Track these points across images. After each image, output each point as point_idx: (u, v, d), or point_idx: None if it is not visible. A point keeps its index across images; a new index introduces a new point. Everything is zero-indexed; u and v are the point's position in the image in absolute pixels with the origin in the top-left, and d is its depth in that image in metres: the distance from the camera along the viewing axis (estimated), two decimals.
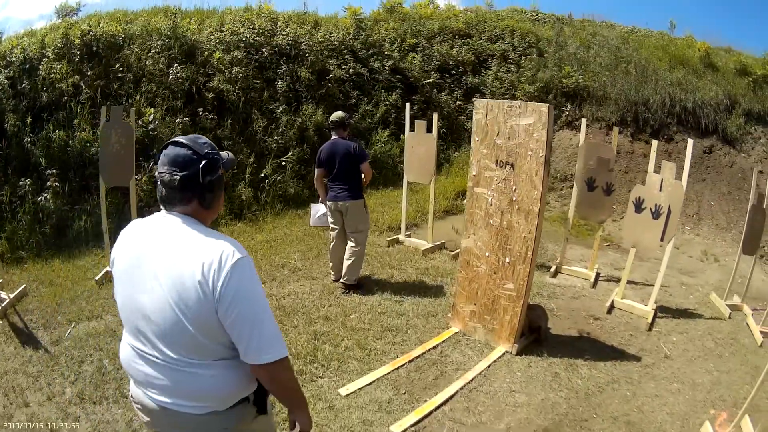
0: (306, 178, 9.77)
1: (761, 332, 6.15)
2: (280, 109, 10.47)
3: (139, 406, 2.25)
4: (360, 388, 4.74)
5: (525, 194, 5.09)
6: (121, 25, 10.42)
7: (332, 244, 6.66)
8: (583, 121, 7.62)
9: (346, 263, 6.50)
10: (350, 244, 6.48)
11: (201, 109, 9.56)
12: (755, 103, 13.38)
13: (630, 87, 13.02)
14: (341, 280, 6.60)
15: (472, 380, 4.98)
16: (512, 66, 13.93)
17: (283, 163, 9.81)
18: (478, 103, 5.39)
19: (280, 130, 10.22)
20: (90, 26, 9.90)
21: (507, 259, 5.30)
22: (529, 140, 4.99)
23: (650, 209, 6.26)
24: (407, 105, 8.30)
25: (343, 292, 6.53)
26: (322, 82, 11.38)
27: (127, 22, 10.99)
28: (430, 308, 6.33)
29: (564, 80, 13.31)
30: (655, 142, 6.76)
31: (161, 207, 2.16)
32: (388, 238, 8.50)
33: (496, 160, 5.24)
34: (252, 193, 9.10)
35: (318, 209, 6.82)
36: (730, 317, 6.71)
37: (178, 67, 9.78)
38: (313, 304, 6.31)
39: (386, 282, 7.01)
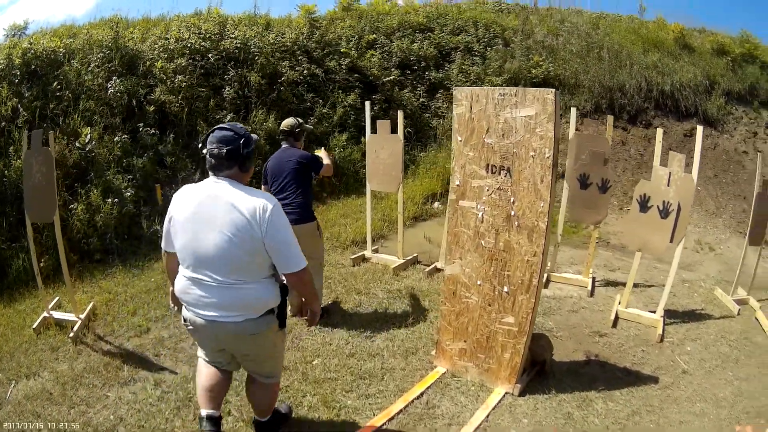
0: None
1: None
2: (228, 118, 9.70)
3: (190, 326, 3.21)
4: None
5: (527, 207, 4.08)
6: (63, 40, 9.69)
7: None
8: (573, 110, 6.81)
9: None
10: None
11: (141, 125, 8.82)
12: (735, 83, 13.23)
13: (603, 73, 12.66)
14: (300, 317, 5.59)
15: None
16: (477, 58, 13.32)
17: None
18: (460, 93, 4.30)
19: None
20: (31, 44, 9.20)
21: (505, 289, 4.34)
22: (531, 137, 3.97)
23: (657, 207, 5.63)
24: (367, 104, 7.35)
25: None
26: (273, 86, 10.69)
27: (71, 36, 10.28)
28: (409, 344, 5.36)
29: (533, 70, 12.80)
30: (659, 131, 6.02)
31: (210, 174, 3.08)
32: (353, 256, 7.51)
33: (487, 165, 4.19)
34: None
35: None
36: (739, 314, 6.40)
37: (118, 81, 9.03)
38: None
39: (353, 312, 6.03)
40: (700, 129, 5.80)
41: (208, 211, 2.98)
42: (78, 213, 7.15)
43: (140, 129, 8.70)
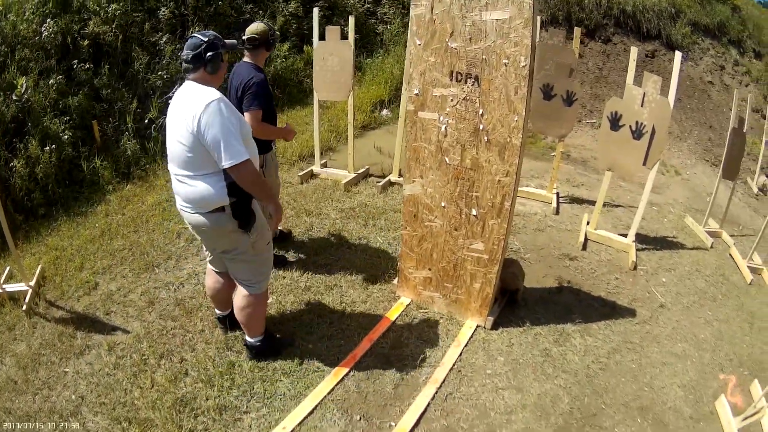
0: None
1: (748, 267, 5.80)
2: (164, 39, 9.15)
3: (179, 211, 3.44)
4: (299, 424, 3.45)
5: (498, 120, 3.59)
6: None
7: None
8: (538, 18, 6.27)
9: None
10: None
11: (76, 61, 8.19)
12: (703, 16, 12.88)
13: None
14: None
15: (444, 382, 3.79)
16: None
17: (170, 100, 8.20)
18: None
19: (165, 62, 8.93)
20: None
21: (473, 212, 3.91)
22: (504, 43, 3.44)
23: (630, 127, 5.31)
24: (315, 10, 6.76)
25: None
26: (210, 1, 10.08)
27: None
28: (368, 271, 4.98)
29: None
30: (634, 50, 5.62)
31: (185, 77, 3.28)
32: (301, 173, 7.00)
33: (451, 72, 3.65)
34: (138, 145, 7.68)
35: None
36: (712, 247, 6.26)
37: (51, 22, 8.35)
38: None
39: (305, 238, 5.61)
40: (678, 55, 5.45)
41: (173, 112, 3.25)
42: (18, 169, 6.63)
43: (75, 66, 8.14)
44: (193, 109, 3.03)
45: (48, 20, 8.33)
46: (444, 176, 3.93)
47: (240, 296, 3.62)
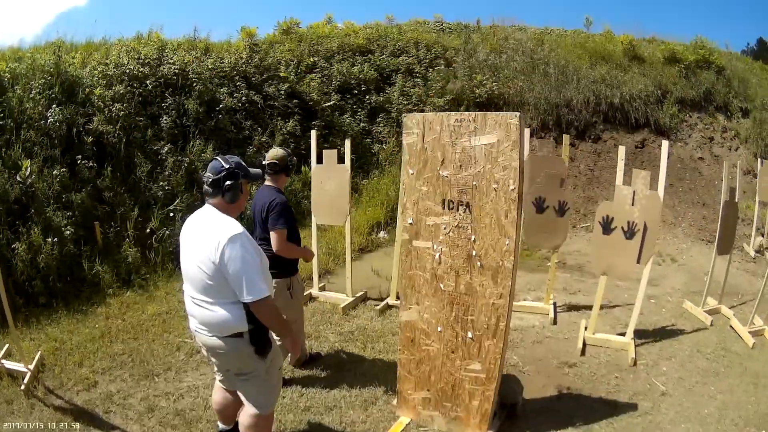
0: None
1: (749, 332, 5.92)
2: (166, 149, 9.26)
3: (192, 333, 3.45)
4: None
5: (490, 245, 3.72)
6: (8, 63, 9.14)
7: None
8: (527, 131, 6.49)
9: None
10: (277, 340, 4.86)
11: (80, 156, 8.33)
12: (688, 90, 13.25)
13: (549, 89, 12.57)
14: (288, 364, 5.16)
15: None
16: (419, 80, 13.09)
17: (171, 213, 8.53)
18: (411, 120, 3.89)
19: (167, 173, 9.02)
20: None
21: (469, 334, 3.96)
22: (493, 168, 3.61)
23: (622, 228, 5.42)
24: (313, 133, 6.97)
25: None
26: (211, 114, 10.32)
27: (17, 59, 9.68)
28: (368, 393, 4.93)
29: (476, 90, 12.58)
30: (622, 149, 5.81)
31: (206, 199, 3.33)
32: None
33: (443, 201, 3.81)
34: (139, 253, 7.75)
35: None
36: (712, 324, 6.33)
37: (57, 109, 8.54)
38: None
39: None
40: (665, 144, 5.63)
41: (191, 235, 3.29)
42: (20, 253, 6.74)
43: (78, 161, 8.27)
44: (215, 239, 3.05)
45: (53, 106, 8.49)
46: (439, 302, 4.00)
47: (247, 415, 3.59)
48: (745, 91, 14.03)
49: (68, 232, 7.17)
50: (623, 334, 5.85)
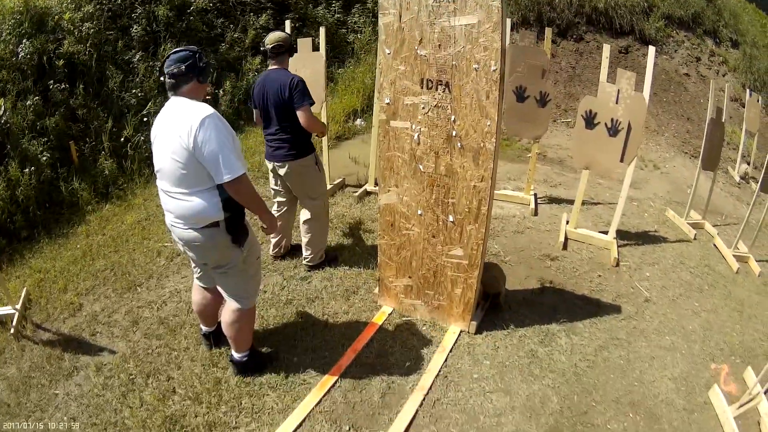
0: None
1: (734, 256, 5.87)
2: (137, 57, 9.15)
3: (169, 228, 3.41)
4: None
5: (471, 126, 3.59)
6: None
7: (276, 213, 5.11)
8: (508, 21, 6.31)
9: (304, 240, 5.09)
10: (304, 215, 5.01)
11: (51, 81, 8.19)
12: (676, 8, 12.88)
13: None
14: (304, 262, 5.19)
15: (431, 388, 3.77)
16: None
17: (145, 118, 8.46)
18: (387, 1, 3.66)
19: (139, 80, 8.94)
20: None
21: (450, 218, 3.91)
22: (474, 48, 3.44)
23: (605, 125, 5.33)
24: (287, 23, 6.77)
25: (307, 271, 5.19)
26: (182, 17, 10.08)
27: None
28: (348, 282, 4.94)
29: None
30: (606, 47, 5.64)
31: (169, 94, 3.27)
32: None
33: (422, 80, 3.65)
34: (115, 164, 7.66)
35: None
36: (695, 238, 6.30)
37: (27, 43, 8.34)
38: None
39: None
40: (652, 49, 5.48)
41: (162, 129, 3.21)
42: (0, 192, 6.62)
43: (51, 87, 8.13)
44: (187, 124, 3.01)
45: (24, 41, 8.33)
46: (419, 184, 3.92)
47: (229, 311, 3.60)
48: (736, 24, 13.72)
49: (44, 158, 7.07)
50: (605, 233, 5.85)
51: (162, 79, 3.28)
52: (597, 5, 11.97)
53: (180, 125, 3.04)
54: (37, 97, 7.77)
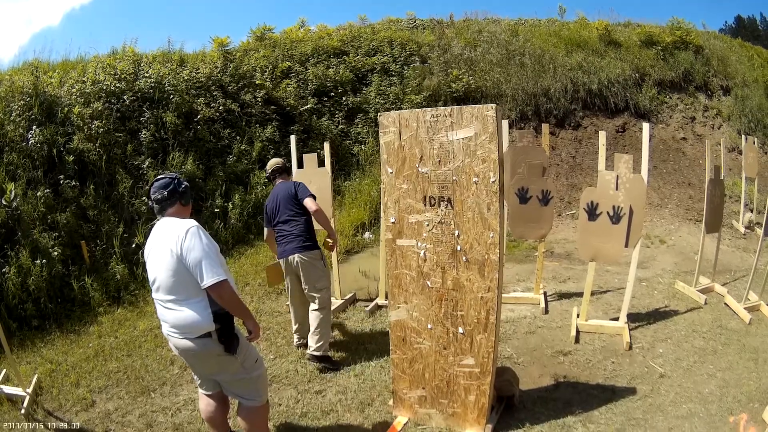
0: None
1: (745, 308, 5.93)
2: (146, 163, 9.30)
3: (166, 337, 3.57)
4: None
5: (475, 239, 3.68)
6: None
7: (292, 315, 5.76)
8: (505, 123, 6.44)
9: (311, 334, 5.32)
10: (312, 307, 5.36)
11: (62, 176, 8.38)
12: (667, 71, 13.35)
13: (526, 80, 12.60)
14: (309, 352, 5.34)
15: None
16: (395, 78, 13.11)
17: None
18: (386, 119, 3.85)
19: (148, 188, 8.79)
20: None
21: (460, 330, 3.93)
22: (473, 161, 3.57)
23: (607, 213, 5.42)
24: (292, 139, 6.99)
25: (320, 370, 5.34)
26: (189, 125, 10.32)
27: None
28: (363, 395, 4.89)
29: (453, 84, 12.64)
30: (602, 134, 5.81)
31: (157, 217, 3.62)
32: (287, 302, 6.89)
33: (424, 197, 3.77)
34: (127, 269, 7.70)
35: None
36: (706, 303, 6.35)
37: (37, 130, 8.61)
38: None
39: (298, 367, 5.55)
40: (646, 126, 5.62)
41: (154, 245, 3.49)
42: (11, 277, 6.74)
43: (61, 181, 8.30)
44: (175, 235, 3.32)
45: (34, 127, 8.53)
46: (428, 299, 3.97)
47: (241, 409, 3.75)
48: (725, 69, 14.12)
49: (56, 253, 7.18)
50: (616, 319, 5.84)
51: (150, 203, 3.66)
52: (591, 87, 12.35)
53: (170, 237, 3.35)
54: (48, 190, 7.95)
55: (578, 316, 5.98)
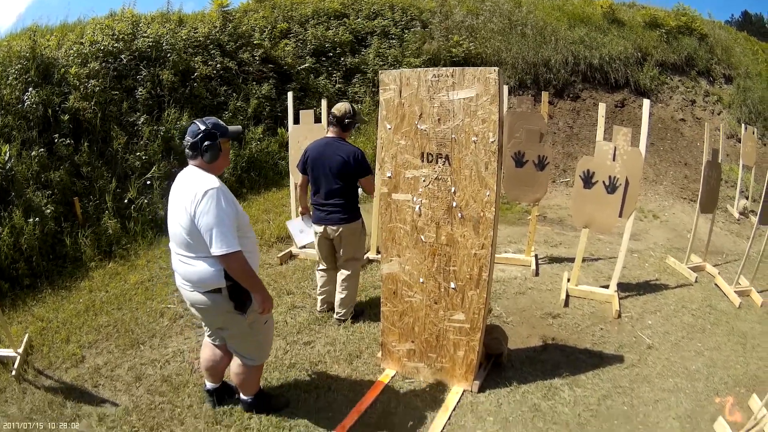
0: None
1: (735, 292, 5.99)
2: (141, 119, 9.25)
3: (178, 288, 3.57)
4: None
5: (471, 196, 3.71)
6: None
7: (321, 279, 5.50)
8: (505, 87, 6.44)
9: (338, 296, 5.32)
10: (343, 273, 5.26)
11: (57, 135, 8.32)
12: (670, 54, 13.26)
13: (527, 49, 12.53)
14: (336, 317, 5.40)
15: None
16: (395, 41, 13.09)
17: (149, 182, 8.54)
18: (387, 77, 3.84)
19: (143, 143, 9.02)
20: None
21: (452, 285, 3.98)
22: (472, 121, 3.58)
23: (603, 183, 5.44)
24: (290, 95, 6.96)
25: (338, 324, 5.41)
26: (186, 82, 10.27)
27: None
28: (351, 346, 4.96)
29: (453, 50, 12.60)
30: (602, 105, 5.80)
31: (187, 161, 3.45)
32: (279, 254, 7.02)
33: (422, 153, 3.79)
34: (119, 224, 7.71)
35: (297, 226, 5.76)
36: (696, 281, 6.43)
37: (33, 92, 8.50)
38: None
39: (287, 318, 5.59)
40: (647, 102, 5.62)
41: (174, 194, 3.40)
42: (4, 237, 6.69)
43: (56, 140, 8.25)
44: (192, 193, 3.18)
45: (30, 89, 8.45)
46: (421, 254, 4.01)
47: (236, 363, 3.76)
48: (729, 59, 14.06)
49: (48, 211, 7.14)
50: (606, 287, 5.91)
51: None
52: (592, 62, 12.30)
53: (186, 194, 3.22)
54: (42, 149, 7.88)
55: (569, 280, 6.04)
